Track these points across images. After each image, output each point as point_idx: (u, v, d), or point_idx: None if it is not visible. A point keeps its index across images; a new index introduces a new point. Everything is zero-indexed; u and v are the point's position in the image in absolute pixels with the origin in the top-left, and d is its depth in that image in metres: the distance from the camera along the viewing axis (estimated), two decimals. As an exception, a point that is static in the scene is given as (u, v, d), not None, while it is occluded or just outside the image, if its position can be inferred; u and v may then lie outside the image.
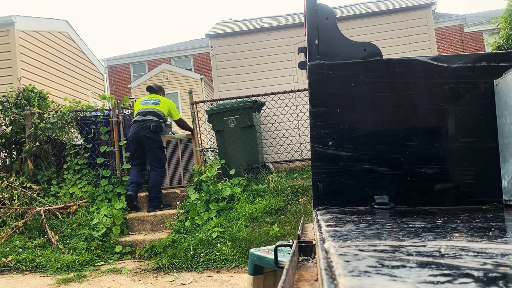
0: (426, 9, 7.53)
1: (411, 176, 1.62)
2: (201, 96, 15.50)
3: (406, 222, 1.18)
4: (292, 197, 5.08)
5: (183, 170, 6.07)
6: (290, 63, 7.61)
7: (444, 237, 0.89)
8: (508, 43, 5.58)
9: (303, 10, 1.82)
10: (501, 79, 1.57)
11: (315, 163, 1.66)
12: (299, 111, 6.68)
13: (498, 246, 0.77)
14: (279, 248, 1.13)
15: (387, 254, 0.71)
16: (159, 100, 5.37)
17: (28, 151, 5.97)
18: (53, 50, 10.00)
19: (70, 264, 4.28)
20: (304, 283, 0.84)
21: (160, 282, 3.72)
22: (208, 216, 4.88)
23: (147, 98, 5.44)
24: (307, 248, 1.05)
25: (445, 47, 16.82)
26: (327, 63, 1.70)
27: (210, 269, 4.00)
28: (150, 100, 5.39)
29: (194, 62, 19.68)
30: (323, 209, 1.62)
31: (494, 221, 1.17)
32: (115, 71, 20.23)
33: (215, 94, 7.85)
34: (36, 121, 6.06)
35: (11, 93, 6.48)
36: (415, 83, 1.65)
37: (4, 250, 4.65)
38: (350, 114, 1.69)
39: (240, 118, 5.75)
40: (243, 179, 5.49)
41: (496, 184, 1.58)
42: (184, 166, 6.08)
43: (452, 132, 1.64)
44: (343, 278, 0.55)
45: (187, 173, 6.00)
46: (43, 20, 9.82)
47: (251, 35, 7.90)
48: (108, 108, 6.06)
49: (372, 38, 6.90)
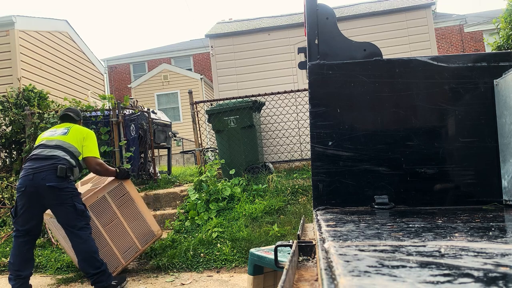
0: (426, 9, 7.53)
1: (411, 176, 1.62)
2: (201, 96, 15.51)
3: (406, 222, 1.18)
4: (292, 197, 5.08)
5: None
6: (290, 63, 7.61)
7: (444, 237, 0.89)
8: (508, 43, 5.58)
9: (303, 10, 1.82)
10: (501, 79, 1.57)
11: (315, 163, 1.66)
12: (299, 111, 6.68)
13: (498, 246, 0.77)
14: (279, 248, 1.13)
15: (387, 254, 0.71)
16: (69, 129, 3.52)
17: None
18: (53, 50, 10.00)
19: (70, 264, 4.27)
20: (304, 283, 0.84)
21: (160, 282, 3.72)
22: (208, 216, 4.88)
23: (54, 129, 3.62)
24: (307, 248, 1.05)
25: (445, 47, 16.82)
26: (327, 63, 1.70)
27: (210, 269, 3.99)
28: (56, 131, 3.55)
29: (194, 62, 19.68)
30: (323, 209, 1.62)
31: (494, 221, 1.17)
32: (115, 71, 20.23)
33: (215, 94, 7.84)
34: (36, 121, 6.06)
35: (11, 93, 6.49)
36: (415, 83, 1.65)
37: (4, 250, 4.65)
38: (350, 114, 1.69)
39: (240, 118, 5.74)
40: (243, 179, 5.49)
41: (496, 184, 1.58)
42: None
43: (452, 132, 1.64)
44: (343, 278, 0.55)
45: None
46: (43, 20, 9.82)
47: (251, 35, 7.90)
48: (108, 108, 6.06)
49: (372, 38, 6.90)
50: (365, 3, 9.37)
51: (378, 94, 1.67)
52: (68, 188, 3.25)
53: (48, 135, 3.48)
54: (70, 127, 3.53)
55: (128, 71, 20.16)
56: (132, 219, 3.92)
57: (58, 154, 3.28)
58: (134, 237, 3.90)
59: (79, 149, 3.42)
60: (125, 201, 3.89)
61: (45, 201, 3.22)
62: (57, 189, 3.18)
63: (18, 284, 3.21)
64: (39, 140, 3.49)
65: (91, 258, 3.26)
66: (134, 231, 3.90)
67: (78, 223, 3.26)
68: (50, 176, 3.17)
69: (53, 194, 3.18)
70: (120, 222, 3.84)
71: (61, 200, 3.21)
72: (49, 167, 3.20)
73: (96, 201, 3.69)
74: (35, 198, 3.20)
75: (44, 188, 3.15)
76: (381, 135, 1.65)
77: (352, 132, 1.67)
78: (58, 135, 3.43)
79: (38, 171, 3.18)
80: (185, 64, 19.29)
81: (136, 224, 3.93)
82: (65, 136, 3.41)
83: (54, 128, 3.59)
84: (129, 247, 3.87)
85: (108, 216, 3.76)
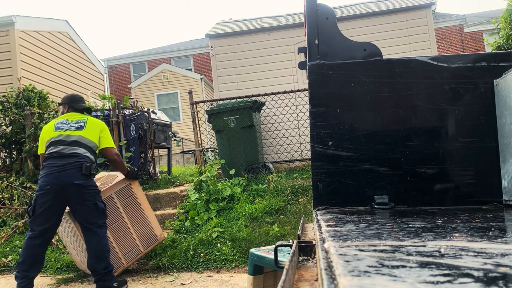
0: (426, 9, 7.53)
1: (411, 176, 1.62)
2: (201, 96, 15.52)
3: (406, 222, 1.18)
4: (292, 197, 5.08)
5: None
6: (290, 63, 7.61)
7: (444, 237, 0.89)
8: (508, 43, 5.58)
9: (303, 10, 1.82)
10: (501, 79, 1.57)
11: (315, 163, 1.66)
12: (299, 111, 6.68)
13: (498, 246, 0.77)
14: (279, 248, 1.13)
15: (387, 254, 0.71)
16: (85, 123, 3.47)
17: (28, 151, 5.97)
18: (53, 50, 10.00)
19: (70, 264, 4.28)
20: (304, 283, 0.84)
21: (160, 282, 3.72)
22: (208, 216, 4.88)
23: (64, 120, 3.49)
24: (307, 248, 1.05)
25: (445, 47, 16.82)
26: (327, 63, 1.70)
27: (210, 269, 3.99)
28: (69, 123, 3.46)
29: (194, 62, 19.68)
30: (323, 209, 1.62)
31: (494, 221, 1.17)
32: (115, 71, 20.23)
33: (215, 94, 7.85)
34: (36, 121, 6.06)
35: (11, 93, 6.49)
36: (415, 83, 1.65)
37: (4, 250, 4.66)
38: (350, 114, 1.69)
39: (240, 118, 5.74)
40: (243, 179, 5.49)
41: (496, 184, 1.58)
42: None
43: (452, 132, 1.64)
44: (343, 278, 0.55)
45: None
46: (43, 20, 9.83)
47: (251, 35, 7.90)
48: (108, 108, 6.05)
49: (372, 38, 6.90)
50: (365, 3, 9.38)
51: (378, 94, 1.67)
52: (92, 185, 3.33)
53: (63, 128, 3.41)
54: (85, 120, 3.48)
55: (128, 71, 20.16)
56: (137, 221, 3.92)
57: (80, 151, 3.30)
58: (137, 239, 3.90)
59: (97, 143, 3.45)
60: (131, 202, 3.90)
61: (69, 199, 3.24)
62: (83, 186, 3.22)
63: (24, 283, 3.19)
64: (52, 133, 3.39)
65: (103, 256, 3.27)
66: (137, 233, 3.91)
67: (97, 220, 3.30)
68: (76, 174, 3.21)
69: (78, 192, 3.21)
70: (124, 223, 3.85)
71: (85, 197, 3.25)
72: (74, 165, 3.23)
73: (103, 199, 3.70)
74: (59, 196, 3.20)
75: (71, 186, 3.18)
76: (381, 135, 1.65)
77: (352, 132, 1.67)
78: (75, 130, 3.39)
79: (63, 169, 3.20)
80: (185, 64, 19.29)
81: (140, 226, 3.93)
82: (83, 131, 3.40)
83: (65, 118, 3.48)
84: (132, 248, 3.87)
85: (113, 216, 3.77)
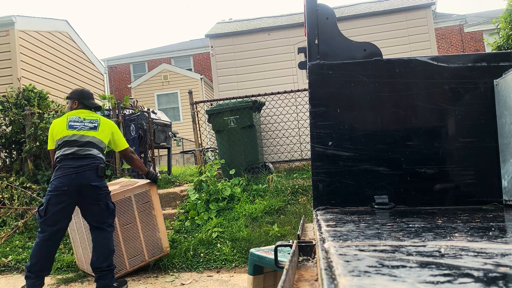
0: (426, 9, 7.53)
1: (411, 176, 1.62)
2: (201, 96, 15.52)
3: (406, 222, 1.18)
4: (292, 197, 5.08)
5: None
6: (290, 63, 7.61)
7: (444, 237, 0.89)
8: (508, 43, 5.58)
9: (303, 10, 1.82)
10: (501, 79, 1.57)
11: (315, 163, 1.66)
12: (299, 111, 6.68)
13: (498, 246, 0.77)
14: (279, 248, 1.13)
15: (387, 254, 0.71)
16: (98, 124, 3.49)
17: (28, 151, 5.97)
18: (53, 50, 10.00)
19: (70, 264, 4.28)
20: (304, 283, 0.84)
21: (160, 282, 3.72)
22: (208, 216, 4.88)
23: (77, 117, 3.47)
24: (307, 248, 1.05)
25: (445, 47, 16.82)
26: (327, 63, 1.70)
27: (210, 269, 4.00)
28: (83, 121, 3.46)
29: (194, 62, 19.68)
30: (323, 209, 1.62)
31: (494, 221, 1.17)
32: (115, 71, 20.23)
33: (215, 94, 7.85)
34: (36, 121, 6.06)
35: (11, 93, 6.49)
36: (415, 83, 1.65)
37: (4, 250, 4.65)
38: (350, 114, 1.69)
39: (240, 118, 5.74)
40: (243, 179, 5.49)
41: (496, 184, 1.58)
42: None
43: (452, 132, 1.64)
44: (343, 278, 0.55)
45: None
46: (43, 20, 9.82)
47: (251, 35, 7.90)
48: (108, 108, 6.05)
49: (372, 38, 6.90)
50: (365, 3, 9.38)
51: (378, 94, 1.67)
52: (105, 187, 3.40)
53: (77, 127, 3.38)
54: (98, 120, 3.48)
55: (128, 71, 20.16)
56: (148, 227, 3.94)
57: (93, 153, 3.34)
58: (144, 246, 3.91)
59: (106, 143, 3.50)
60: (146, 208, 3.92)
61: (84, 199, 3.29)
62: (98, 188, 3.29)
63: (38, 282, 3.20)
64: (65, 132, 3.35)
65: (108, 255, 3.35)
66: (145, 240, 3.92)
67: (108, 220, 3.39)
68: (93, 175, 3.27)
69: (94, 193, 3.27)
70: (136, 227, 3.86)
71: (98, 198, 3.32)
72: (90, 167, 3.27)
73: (121, 199, 3.74)
74: (75, 197, 3.23)
75: (88, 188, 3.23)
76: (381, 135, 1.65)
77: (352, 132, 1.67)
78: (89, 131, 3.39)
79: (80, 171, 3.23)
80: (185, 64, 19.29)
81: (150, 234, 3.95)
82: (96, 132, 3.42)
83: (77, 116, 3.44)
84: (137, 254, 3.88)
85: (127, 217, 3.79)
